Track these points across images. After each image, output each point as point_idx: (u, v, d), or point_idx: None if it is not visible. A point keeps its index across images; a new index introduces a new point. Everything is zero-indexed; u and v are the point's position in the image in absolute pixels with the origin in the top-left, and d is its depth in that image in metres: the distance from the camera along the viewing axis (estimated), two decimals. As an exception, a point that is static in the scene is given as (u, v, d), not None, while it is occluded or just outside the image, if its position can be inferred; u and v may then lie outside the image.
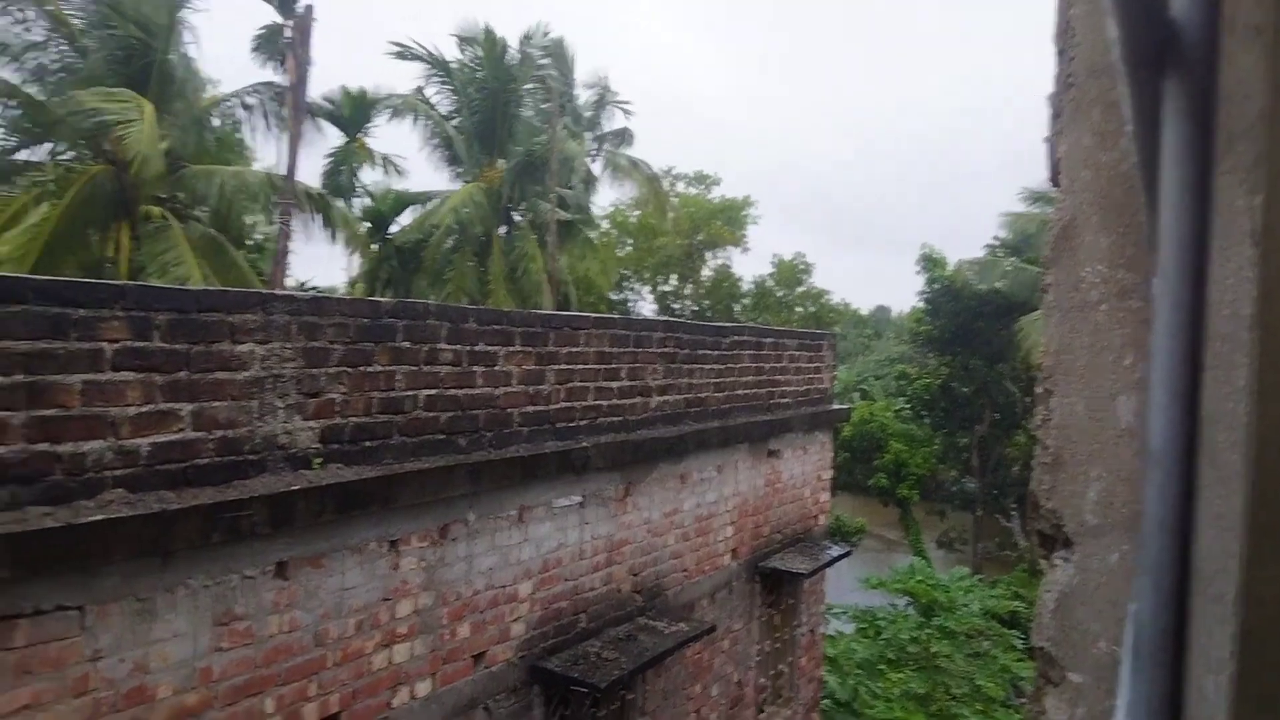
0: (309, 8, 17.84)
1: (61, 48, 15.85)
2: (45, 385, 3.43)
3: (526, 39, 25.27)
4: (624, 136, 29.17)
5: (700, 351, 7.86)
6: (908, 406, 35.45)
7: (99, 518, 3.40)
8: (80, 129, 14.62)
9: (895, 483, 33.78)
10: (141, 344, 3.73)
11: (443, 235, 23.32)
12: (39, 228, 14.51)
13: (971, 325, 30.57)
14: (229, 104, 17.83)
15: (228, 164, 18.95)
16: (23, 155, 16.46)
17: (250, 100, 17.66)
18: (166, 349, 3.82)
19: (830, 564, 9.82)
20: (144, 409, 3.73)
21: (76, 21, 15.90)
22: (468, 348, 5.40)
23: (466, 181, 24.82)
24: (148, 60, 15.91)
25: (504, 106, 25.00)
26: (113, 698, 3.58)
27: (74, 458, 3.50)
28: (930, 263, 31.66)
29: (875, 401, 39.58)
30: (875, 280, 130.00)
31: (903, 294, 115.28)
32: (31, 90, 15.75)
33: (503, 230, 25.25)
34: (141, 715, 3.69)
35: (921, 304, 32.81)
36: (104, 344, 3.61)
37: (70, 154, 16.37)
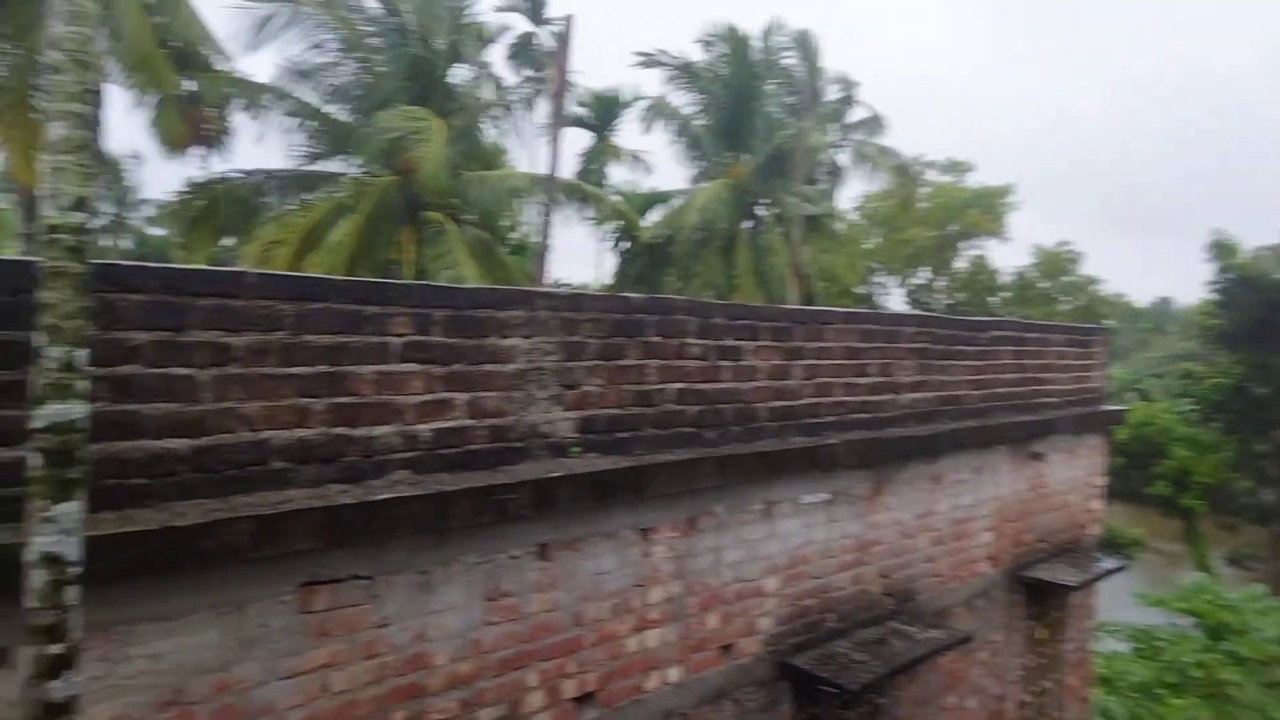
0: (570, 17, 18.75)
1: (354, 67, 17.58)
2: (342, 375, 3.81)
3: (770, 33, 25.20)
4: (874, 125, 28.38)
5: (956, 347, 7.49)
6: (1194, 408, 32.10)
7: (388, 496, 3.74)
8: (377, 145, 16.14)
9: (1178, 492, 30.71)
10: (423, 338, 4.06)
11: (690, 231, 23.74)
12: (342, 245, 16.17)
13: (1271, 319, 27.21)
14: (493, 112, 19.06)
15: (490, 168, 20.29)
16: (319, 168, 18.42)
17: (509, 105, 18.78)
18: (444, 343, 4.13)
19: (1102, 577, 9.07)
20: (425, 397, 4.06)
21: (368, 41, 17.55)
22: (716, 342, 5.45)
23: (712, 178, 25.12)
24: (431, 76, 17.33)
25: (748, 102, 25.08)
26: (397, 662, 3.92)
27: (366, 441, 3.87)
28: (1221, 249, 28.48)
29: (1155, 403, 36.15)
30: (1155, 269, 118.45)
31: (1188, 284, 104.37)
32: (324, 107, 17.59)
33: (748, 225, 25.33)
34: (421, 680, 4.02)
35: (1212, 295, 29.59)
36: (392, 338, 3.96)
37: (362, 167, 18.13)
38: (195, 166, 18.98)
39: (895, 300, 39.69)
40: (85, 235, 3.08)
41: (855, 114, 28.28)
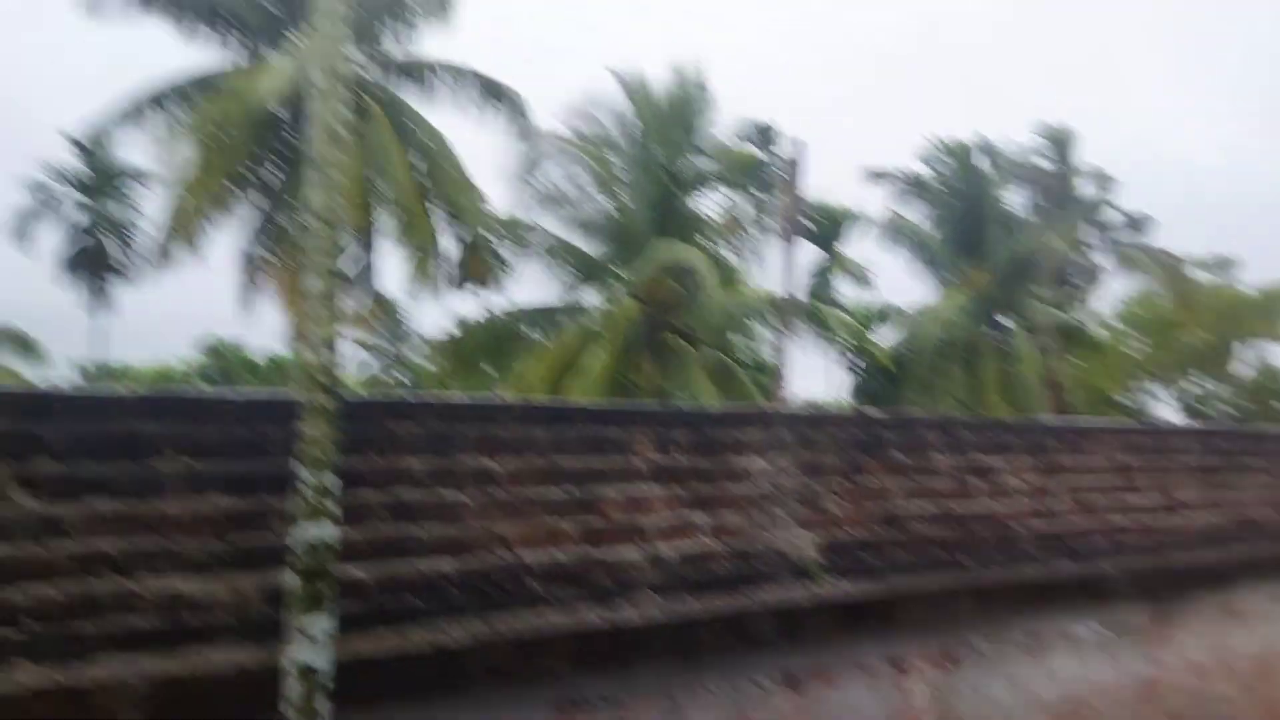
0: (801, 143, 19.23)
1: (601, 198, 18.74)
2: (591, 498, 3.95)
3: (1008, 138, 24.62)
4: (1138, 223, 26.66)
5: (1246, 460, 6.71)
6: None
7: (636, 620, 3.78)
8: (633, 276, 17.04)
9: None
10: (666, 459, 4.15)
11: (929, 344, 23.04)
12: (593, 371, 16.94)
13: None
14: (727, 234, 19.67)
15: (725, 288, 20.78)
16: (570, 299, 19.57)
17: (743, 227, 19.31)
18: (687, 464, 4.20)
19: None
20: (669, 519, 4.12)
21: (615, 171, 18.67)
22: (965, 459, 5.19)
23: (949, 289, 24.44)
24: (672, 204, 18.22)
25: (983, 210, 24.43)
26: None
27: (613, 563, 3.96)
28: None
29: None
30: None
31: None
32: (571, 237, 18.81)
33: (992, 335, 24.27)
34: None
35: None
36: (636, 459, 4.08)
37: (608, 296, 19.13)
38: (468, 303, 20.73)
39: (1167, 411, 36.27)
40: (334, 373, 3.44)
41: (1112, 211, 26.78)
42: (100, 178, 23.70)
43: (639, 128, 18.33)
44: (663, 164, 18.11)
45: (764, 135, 19.27)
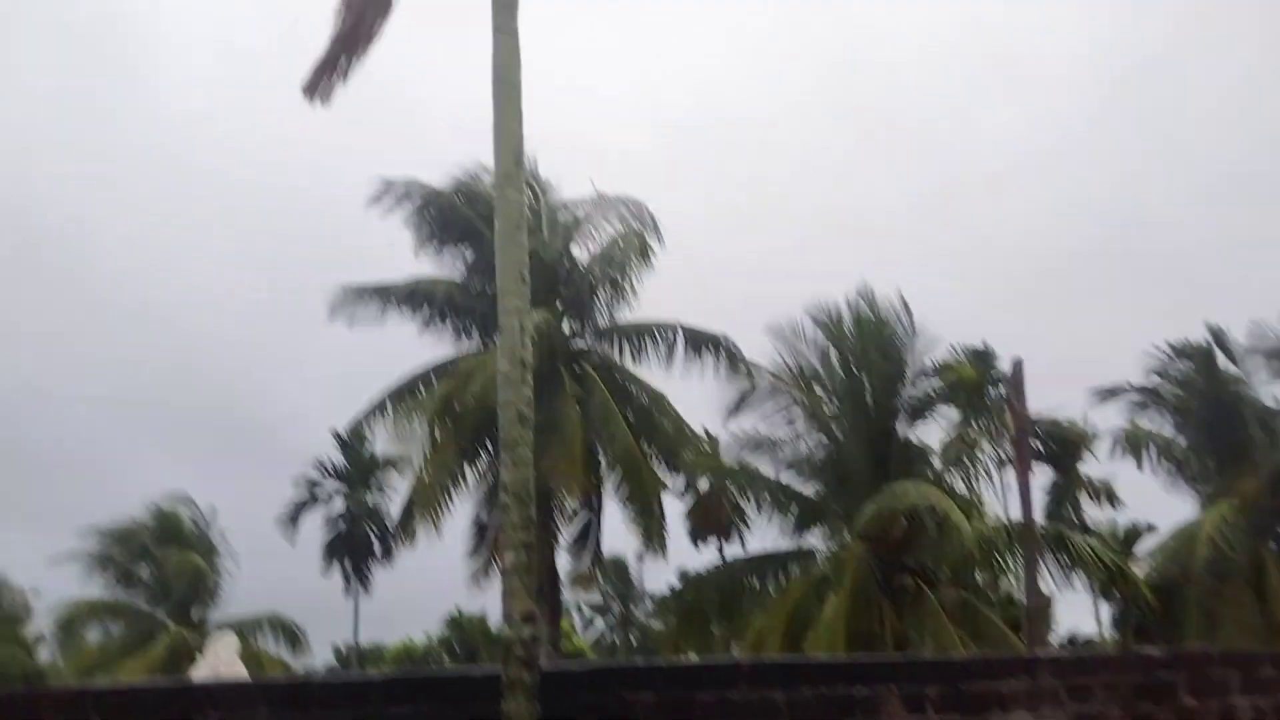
0: (1019, 361, 18.66)
1: (817, 437, 18.58)
2: (842, 765, 3.68)
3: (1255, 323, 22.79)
4: None
5: None
6: None
7: None
8: (862, 518, 16.56)
9: None
10: (917, 718, 3.84)
11: (1197, 565, 20.55)
12: (830, 622, 16.14)
13: None
14: (953, 463, 18.87)
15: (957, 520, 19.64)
16: (794, 545, 19.05)
17: (969, 453, 18.51)
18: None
19: None
20: (930, 788, 3.75)
21: (826, 407, 18.53)
22: (1272, 700, 4.48)
23: (1211, 501, 22.06)
24: (889, 437, 17.85)
25: (1237, 409, 22.38)
26: None
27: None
28: None
29: None
30: None
31: None
32: (784, 478, 18.59)
33: (1275, 549, 21.43)
34: None
35: None
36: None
37: (832, 539, 18.54)
38: (697, 557, 20.73)
39: None
40: (533, 647, 3.46)
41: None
42: (357, 468, 26.30)
43: (845, 358, 18.45)
44: (874, 394, 17.95)
45: (977, 356, 18.88)
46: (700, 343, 21.32)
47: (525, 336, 6.09)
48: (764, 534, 19.55)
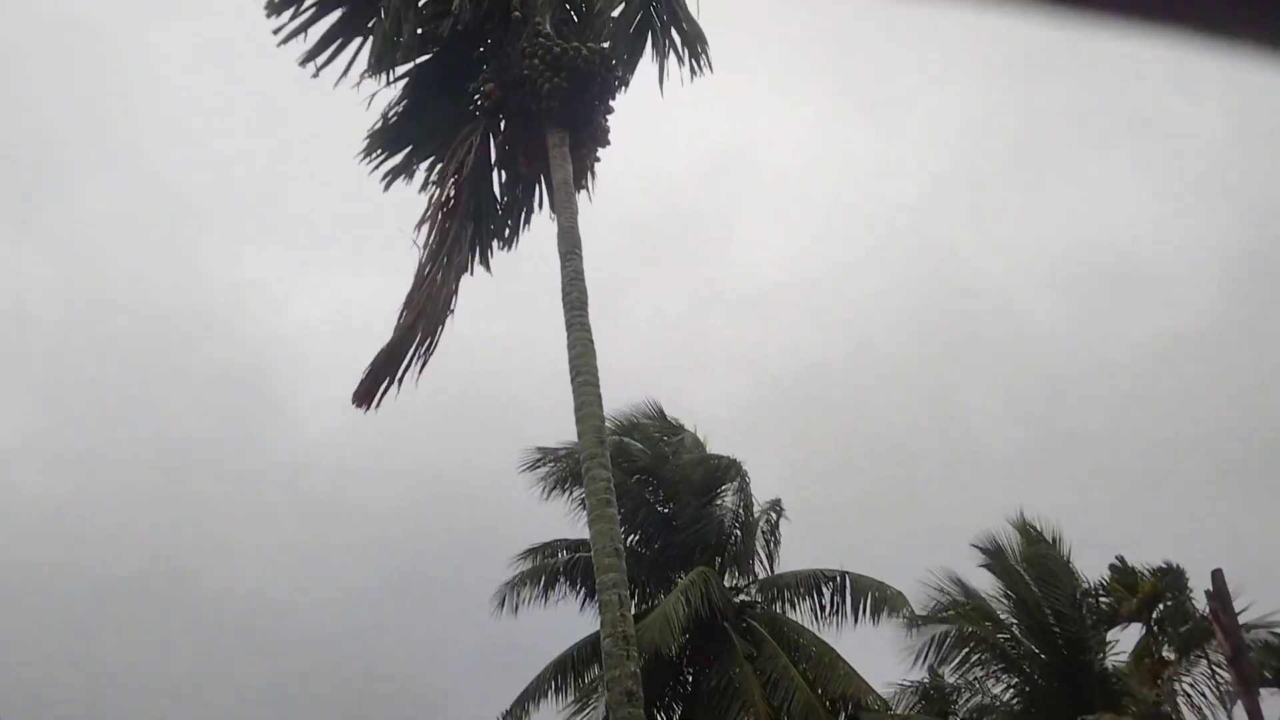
0: (1218, 572, 16.82)
1: (1008, 679, 17.03)
2: None
3: None
4: None
5: None
6: None
7: None
8: None
9: None
10: None
11: None
12: None
13: None
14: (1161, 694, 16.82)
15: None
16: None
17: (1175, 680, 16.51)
18: None
19: None
20: None
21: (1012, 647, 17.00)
22: None
23: None
24: (1081, 667, 16.24)
25: None
26: None
27: None
28: None
29: None
30: None
31: None
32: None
33: None
34: None
35: None
36: None
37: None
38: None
39: None
40: None
41: None
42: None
43: (1019, 591, 17.22)
44: (1058, 625, 16.51)
45: (1161, 574, 17.15)
46: (867, 590, 20.50)
47: (626, 610, 6.31)
48: None
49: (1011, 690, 17.31)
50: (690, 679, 20.47)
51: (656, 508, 21.68)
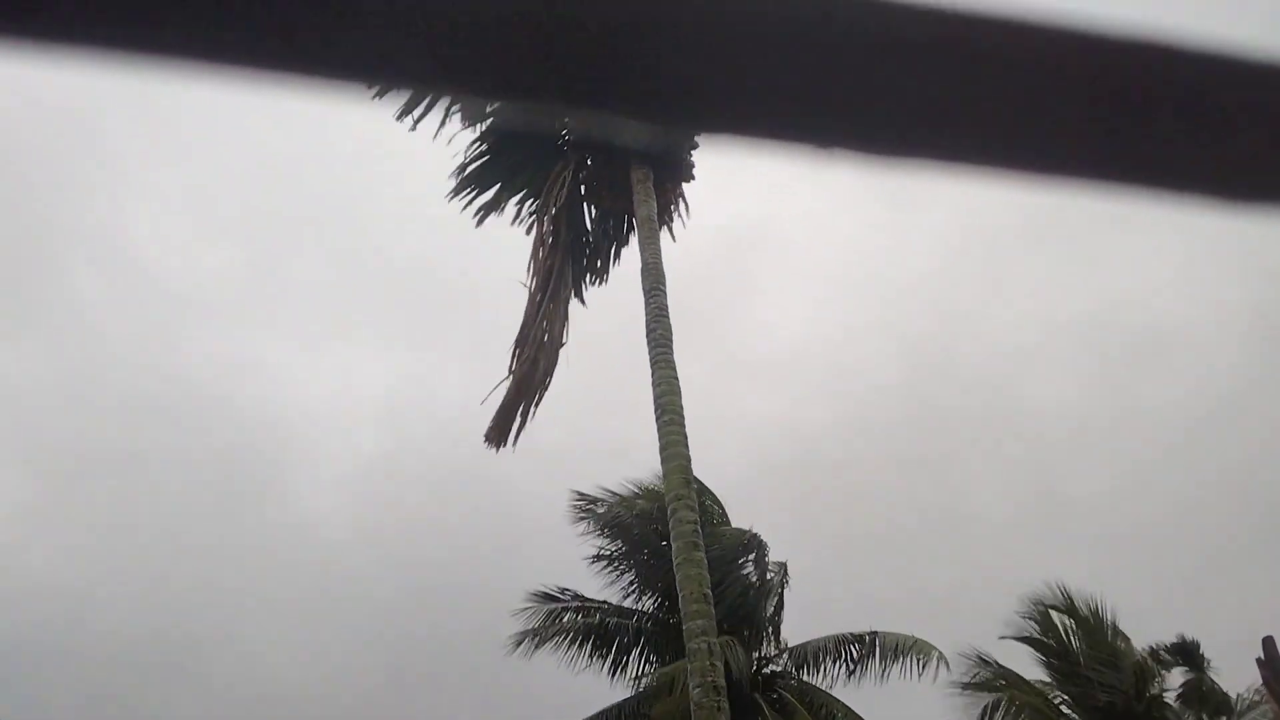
0: (1269, 640, 16.32)
1: None
2: None
3: None
4: None
5: None
6: None
7: None
8: None
9: None
10: None
11: None
12: None
13: None
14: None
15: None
16: None
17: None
18: None
19: None
20: None
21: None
22: None
23: None
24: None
25: None
26: None
27: None
28: None
29: None
30: None
31: None
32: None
33: None
34: None
35: None
36: None
37: None
38: None
39: None
40: None
41: None
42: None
43: (1068, 661, 16.74)
44: (1109, 698, 15.96)
45: (1177, 650, 16.64)
46: (895, 645, 19.98)
47: (716, 660, 5.97)
48: None
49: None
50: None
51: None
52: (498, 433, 8.29)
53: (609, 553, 21.06)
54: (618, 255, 10.40)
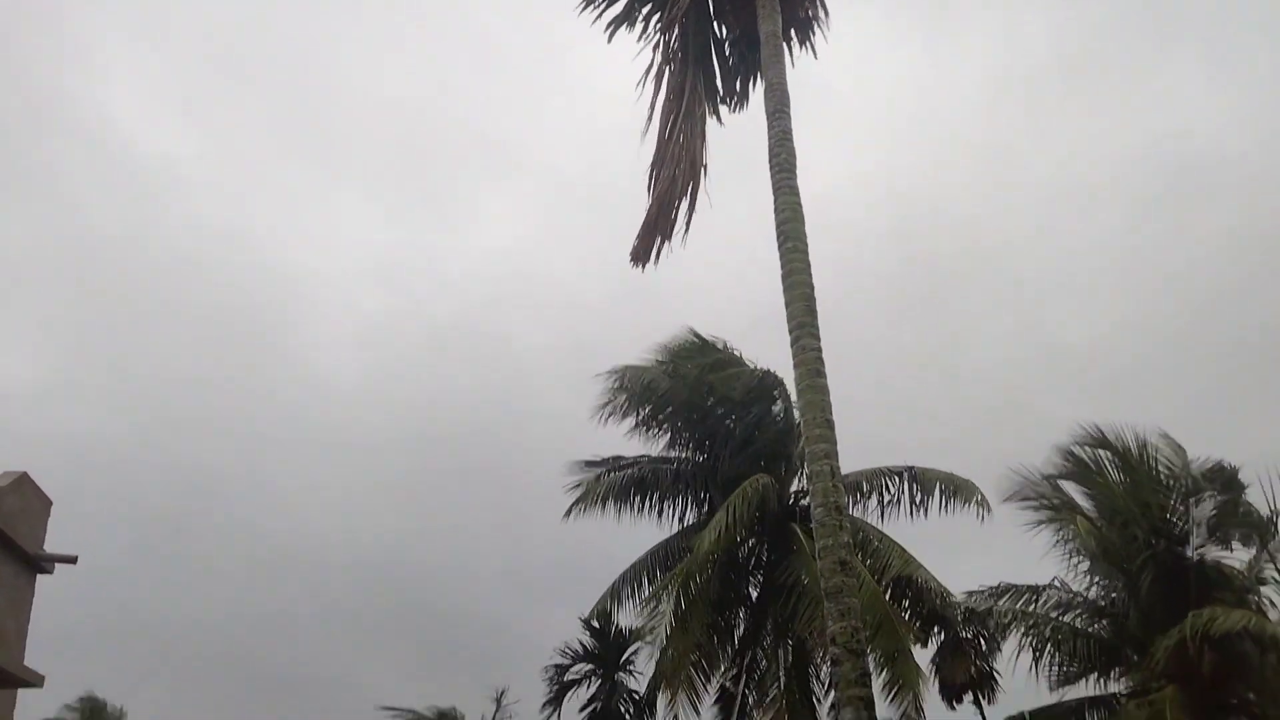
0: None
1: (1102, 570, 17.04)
2: None
3: None
4: None
5: None
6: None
7: None
8: (1161, 651, 15.04)
9: None
10: None
11: None
12: None
13: None
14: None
15: None
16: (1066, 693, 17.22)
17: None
18: None
19: None
20: None
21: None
22: None
23: None
24: (1178, 564, 16.20)
25: None
26: None
27: None
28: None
29: None
30: None
31: None
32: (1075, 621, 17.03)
33: None
34: None
35: None
36: None
37: (1128, 684, 16.72)
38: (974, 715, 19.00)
39: None
40: None
41: None
42: (605, 650, 26.45)
43: (1111, 485, 17.14)
44: (1152, 520, 16.44)
45: (1219, 476, 17.04)
46: (935, 481, 20.49)
47: (837, 480, 5.97)
48: (1027, 688, 17.73)
49: (1099, 587, 17.34)
50: (761, 579, 20.56)
51: (725, 421, 21.48)
52: (643, 251, 8.02)
53: (642, 415, 21.42)
54: (755, 82, 9.71)
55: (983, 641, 18.94)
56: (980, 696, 18.94)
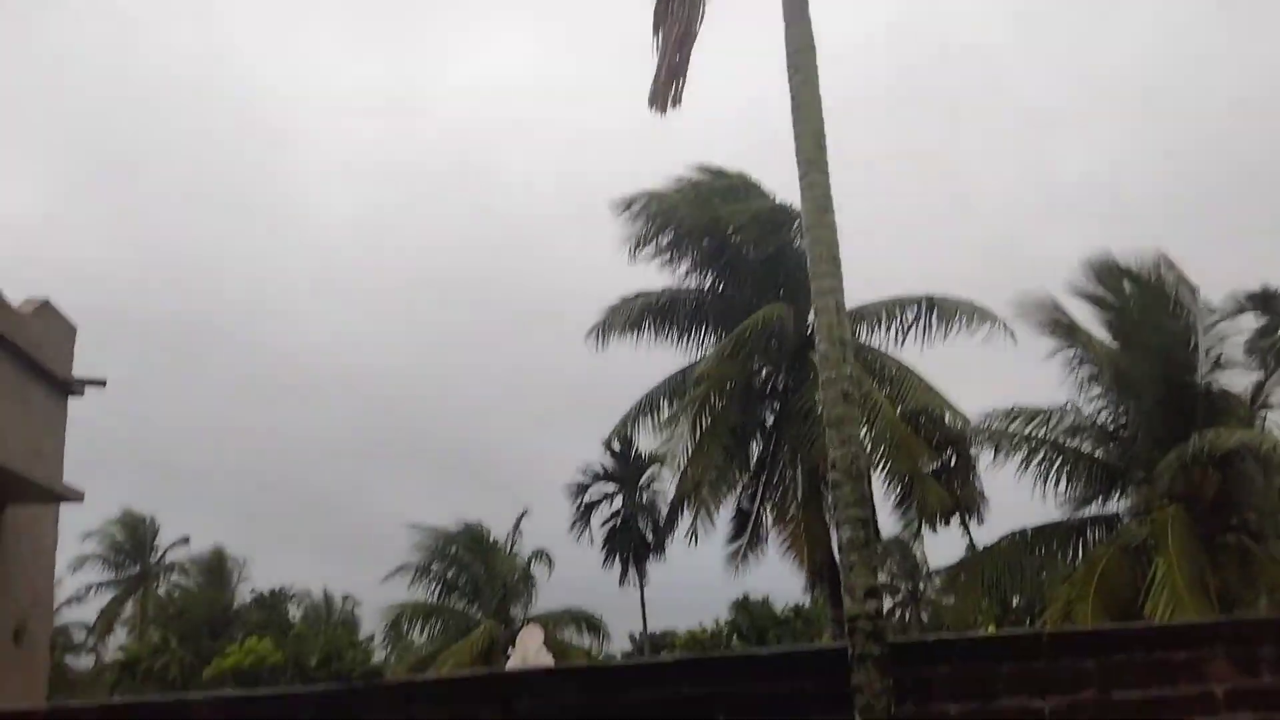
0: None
1: (1107, 398, 17.10)
2: (1166, 734, 3.42)
3: None
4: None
5: None
6: None
7: None
8: (1166, 470, 15.18)
9: None
10: (1253, 682, 3.50)
11: None
12: (1168, 587, 14.50)
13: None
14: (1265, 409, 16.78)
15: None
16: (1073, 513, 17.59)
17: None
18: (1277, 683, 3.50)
19: None
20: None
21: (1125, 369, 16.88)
22: None
23: None
24: (1189, 390, 16.13)
25: None
26: None
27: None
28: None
29: None
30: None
31: None
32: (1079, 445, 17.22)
33: None
34: None
35: None
36: (1213, 686, 3.49)
37: (1132, 503, 16.97)
38: (962, 535, 19.64)
39: None
40: (879, 620, 3.45)
41: None
42: (626, 471, 27.75)
43: (1123, 310, 16.88)
44: (1163, 346, 16.23)
45: (1266, 300, 16.47)
46: (954, 309, 20.37)
47: (842, 315, 6.07)
48: (1030, 508, 18.10)
49: (1108, 409, 17.37)
50: (779, 407, 21.03)
51: (742, 251, 21.40)
52: (663, 96, 7.77)
53: (663, 244, 21.35)
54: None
55: (972, 465, 19.30)
56: (966, 517, 19.50)
